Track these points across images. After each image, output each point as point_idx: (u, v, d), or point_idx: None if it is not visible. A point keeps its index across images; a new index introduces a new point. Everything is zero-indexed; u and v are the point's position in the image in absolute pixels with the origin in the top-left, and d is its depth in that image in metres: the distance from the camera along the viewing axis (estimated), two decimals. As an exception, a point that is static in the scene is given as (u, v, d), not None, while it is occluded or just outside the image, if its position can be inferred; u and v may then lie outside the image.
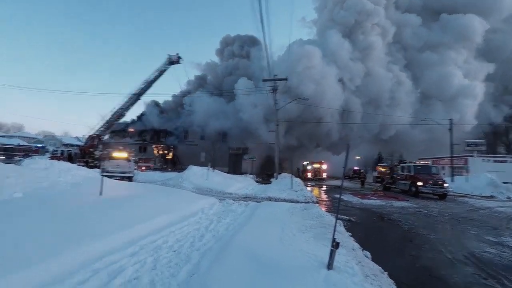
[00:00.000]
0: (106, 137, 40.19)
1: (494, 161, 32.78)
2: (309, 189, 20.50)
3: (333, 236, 4.20)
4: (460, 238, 7.65)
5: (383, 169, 30.00)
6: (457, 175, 28.73)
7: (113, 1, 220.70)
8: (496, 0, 40.92)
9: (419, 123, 33.47)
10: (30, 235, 4.52)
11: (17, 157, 32.88)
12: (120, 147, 24.03)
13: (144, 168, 34.80)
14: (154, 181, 19.55)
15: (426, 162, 23.66)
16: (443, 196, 17.71)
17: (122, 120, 42.33)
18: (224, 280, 3.67)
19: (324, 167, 36.50)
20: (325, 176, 36.23)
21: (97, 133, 35.43)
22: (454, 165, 29.86)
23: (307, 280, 3.69)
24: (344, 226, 8.17)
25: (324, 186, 26.59)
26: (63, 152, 35.85)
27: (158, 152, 48.50)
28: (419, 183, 18.37)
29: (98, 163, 29.56)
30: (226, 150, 43.22)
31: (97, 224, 5.60)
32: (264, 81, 25.95)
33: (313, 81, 35.50)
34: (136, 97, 38.14)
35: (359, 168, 45.39)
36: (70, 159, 32.03)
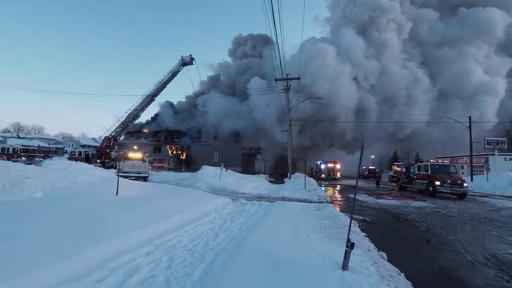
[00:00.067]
0: (121, 138, 40.96)
1: (516, 159, 31.68)
2: (323, 188, 20.34)
3: (348, 236, 4.14)
4: (480, 239, 7.39)
5: (399, 168, 29.42)
6: (477, 174, 27.90)
7: (127, 3, 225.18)
8: (517, -8, 39.80)
9: (436, 121, 32.61)
10: (50, 234, 4.65)
11: (37, 158, 33.90)
12: (135, 147, 24.52)
13: (158, 168, 35.32)
14: (168, 181, 19.82)
15: (443, 161, 23.07)
16: (462, 196, 17.24)
17: (137, 121, 43.14)
18: (238, 279, 3.66)
19: (338, 166, 36.10)
20: (339, 175, 35.83)
21: (113, 134, 36.18)
22: (473, 164, 29.01)
23: (321, 280, 3.64)
24: (359, 226, 8.05)
25: (338, 185, 26.30)
26: (80, 153, 36.93)
27: (172, 152, 49.18)
28: (437, 183, 17.92)
29: (114, 163, 30.19)
30: (239, 150, 43.37)
31: (113, 223, 5.72)
32: (276, 80, 25.82)
33: (327, 79, 35.16)
34: (150, 98, 38.78)
35: (374, 167, 44.70)
36: (87, 159, 32.87)
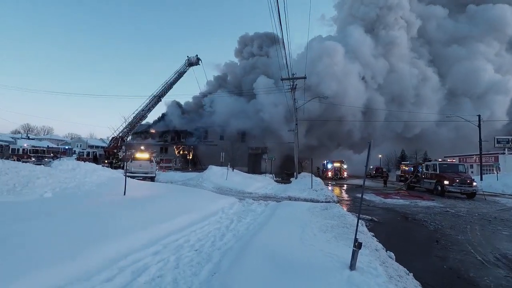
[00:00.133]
0: (129, 138, 41.31)
1: (527, 158, 31.04)
2: (330, 188, 20.23)
3: (355, 236, 4.11)
4: (490, 239, 7.28)
5: (407, 168, 29.14)
6: (487, 173, 27.47)
7: (132, 3, 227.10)
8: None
9: (445, 120, 32.13)
10: (59, 234, 4.72)
11: (46, 159, 34.45)
12: (142, 148, 24.69)
13: (165, 168, 35.55)
14: (175, 181, 19.93)
15: (452, 160, 22.77)
16: (471, 195, 17.00)
17: (144, 121, 43.45)
18: (245, 279, 3.67)
19: (344, 166, 35.86)
20: (345, 175, 35.61)
21: (120, 135, 36.46)
22: (483, 163, 28.57)
23: (329, 280, 3.62)
24: (366, 226, 7.99)
25: (345, 185, 26.15)
26: (88, 153, 37.47)
27: (179, 152, 49.43)
28: (446, 182, 17.69)
29: (121, 163, 30.45)
30: (245, 150, 43.38)
31: (121, 223, 5.77)
32: (282, 80, 25.76)
33: (334, 79, 34.86)
34: (157, 99, 39.02)
35: (381, 167, 44.31)
36: (95, 160, 33.28)
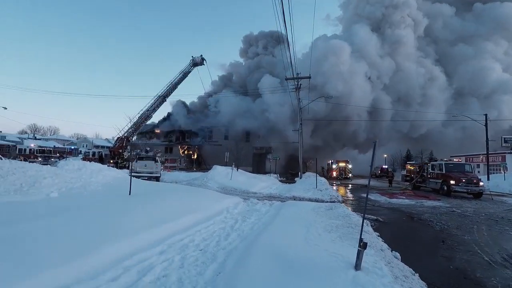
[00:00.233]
0: (134, 138, 41.52)
1: (535, 158, 30.61)
2: (335, 188, 20.16)
3: (361, 236, 4.09)
4: (497, 239, 7.21)
5: (412, 167, 28.94)
6: (494, 173, 27.16)
7: (135, 4, 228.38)
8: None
9: (452, 119, 31.76)
10: (65, 234, 4.76)
11: (53, 159, 34.81)
12: (147, 148, 24.81)
13: (170, 168, 35.67)
14: (180, 181, 19.99)
15: (458, 159, 22.56)
16: (478, 195, 16.85)
17: (149, 121, 43.62)
18: (249, 279, 3.67)
19: (349, 166, 35.70)
20: (350, 175, 35.45)
21: (126, 135, 36.67)
22: (490, 163, 28.24)
23: (334, 280, 3.61)
24: (371, 226, 7.96)
25: (350, 185, 26.04)
26: (94, 153, 37.71)
27: (183, 152, 49.59)
28: (452, 182, 17.55)
29: (127, 163, 30.62)
30: (250, 149, 43.36)
31: (126, 223, 5.80)
32: (287, 80, 25.74)
33: (340, 78, 34.62)
34: (161, 99, 39.18)
35: (386, 166, 44.00)
36: (101, 160, 33.48)
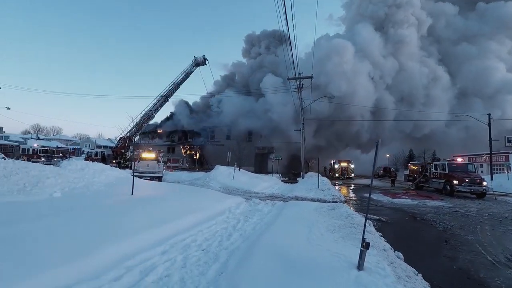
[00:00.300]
0: (136, 138, 41.59)
1: (539, 157, 30.40)
2: (337, 188, 20.12)
3: (363, 236, 4.08)
4: (501, 239, 7.17)
5: (415, 167, 28.84)
6: (497, 173, 27.00)
7: (137, 4, 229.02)
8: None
9: (455, 119, 31.56)
10: (68, 233, 4.78)
11: (55, 159, 35.00)
12: (149, 148, 24.87)
13: (172, 168, 35.75)
14: (182, 181, 20.03)
15: (461, 159, 22.45)
16: (481, 195, 16.76)
17: (151, 121, 43.69)
18: (252, 279, 3.67)
19: (352, 165, 35.60)
20: (353, 175, 35.35)
21: (128, 135, 36.72)
22: (493, 162, 28.08)
23: (336, 281, 3.60)
24: (374, 226, 7.93)
25: (352, 185, 25.98)
26: (97, 153, 37.83)
27: (186, 152, 49.64)
28: (455, 182, 17.47)
29: (129, 163, 30.69)
30: (252, 149, 43.35)
31: (129, 223, 5.82)
32: (289, 79, 25.72)
33: (343, 77, 34.50)
34: (164, 99, 39.23)
35: (389, 166, 43.88)
36: (103, 160, 33.56)
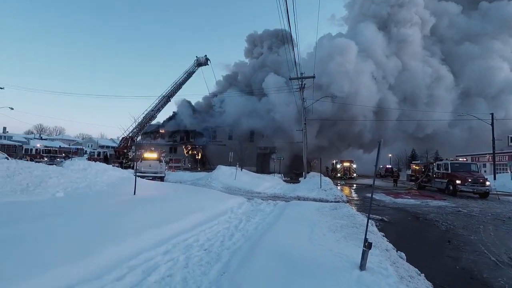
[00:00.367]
0: (138, 138, 41.71)
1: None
2: (339, 188, 20.09)
3: (365, 236, 4.07)
4: (504, 239, 7.14)
5: (418, 167, 28.75)
6: (500, 173, 26.87)
7: (138, 4, 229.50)
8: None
9: (458, 119, 31.41)
10: (71, 233, 4.79)
11: (58, 159, 35.12)
12: (152, 148, 24.91)
13: (174, 168, 35.80)
14: (184, 181, 20.05)
15: (464, 159, 22.36)
16: (484, 195, 16.69)
17: (154, 121, 43.82)
18: (254, 279, 3.67)
19: (354, 165, 35.50)
20: (355, 175, 35.27)
21: (130, 135, 36.85)
22: (496, 162, 27.94)
23: (338, 281, 3.60)
24: (376, 226, 7.92)
25: (354, 185, 25.92)
26: (99, 153, 38.00)
27: (188, 152, 49.72)
28: (458, 181, 17.40)
29: (131, 163, 30.77)
30: (254, 149, 43.33)
31: (131, 223, 5.83)
32: (291, 79, 25.71)
33: (346, 77, 34.39)
34: (166, 99, 39.35)
35: (391, 166, 43.73)
36: (106, 160, 33.68)
